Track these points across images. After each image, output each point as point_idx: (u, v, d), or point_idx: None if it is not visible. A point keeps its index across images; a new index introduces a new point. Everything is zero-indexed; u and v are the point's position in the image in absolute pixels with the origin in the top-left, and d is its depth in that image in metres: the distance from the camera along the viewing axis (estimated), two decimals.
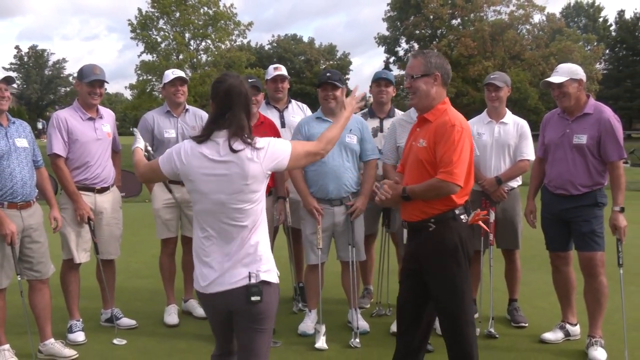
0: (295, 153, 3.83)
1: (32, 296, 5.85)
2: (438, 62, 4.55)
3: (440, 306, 4.59)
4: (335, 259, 6.55)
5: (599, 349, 5.66)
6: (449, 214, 4.47)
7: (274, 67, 7.35)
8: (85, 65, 6.38)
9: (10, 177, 5.50)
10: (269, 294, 3.71)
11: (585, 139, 5.61)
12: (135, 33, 37.09)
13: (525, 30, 51.47)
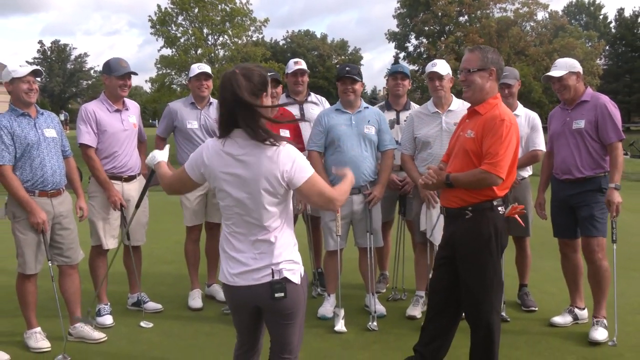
0: (313, 181, 3.48)
1: (62, 281, 5.83)
2: (494, 57, 4.53)
3: (468, 293, 4.55)
4: (353, 245, 6.53)
5: (599, 329, 5.67)
6: (486, 204, 4.43)
7: (294, 62, 7.30)
8: (110, 59, 6.35)
9: (40, 166, 5.48)
10: (294, 291, 3.56)
11: (583, 123, 5.65)
12: (155, 28, 37.04)
13: (529, 27, 51.41)
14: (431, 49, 50.17)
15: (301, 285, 3.63)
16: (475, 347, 4.63)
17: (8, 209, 5.53)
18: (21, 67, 5.49)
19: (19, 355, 5.52)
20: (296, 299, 3.59)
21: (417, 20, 52.37)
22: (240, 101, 3.37)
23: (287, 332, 3.69)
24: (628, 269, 7.49)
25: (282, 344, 3.72)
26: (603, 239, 5.71)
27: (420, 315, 6.35)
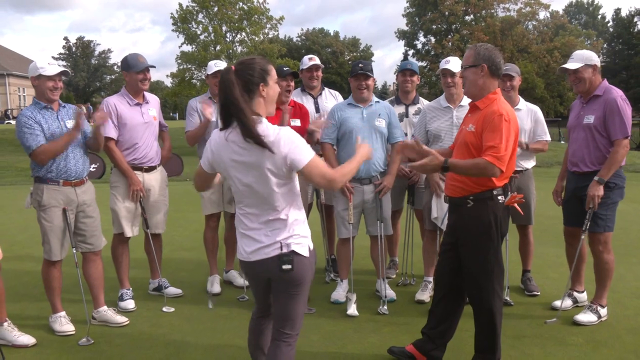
0: (315, 164, 3.52)
1: (86, 267, 5.79)
2: (486, 54, 4.45)
3: (471, 277, 4.55)
4: (365, 233, 6.48)
5: (588, 314, 5.69)
6: (487, 193, 4.41)
7: (309, 58, 7.23)
8: (128, 55, 6.28)
9: (64, 156, 5.42)
10: (300, 263, 3.64)
11: (593, 119, 5.52)
12: (176, 26, 37.08)
13: (531, 26, 51.39)
14: (438, 47, 50.19)
15: (309, 258, 3.69)
16: (479, 330, 4.65)
17: (33, 199, 5.47)
18: (50, 65, 5.43)
19: (44, 338, 5.47)
20: (302, 270, 3.67)
21: (425, 19, 52.50)
22: (231, 99, 3.46)
23: (291, 304, 3.74)
24: (628, 256, 7.53)
25: (285, 318, 3.76)
26: (607, 234, 5.63)
27: (428, 299, 6.33)
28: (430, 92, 43.58)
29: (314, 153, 3.56)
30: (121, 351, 5.21)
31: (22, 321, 5.83)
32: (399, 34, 58.06)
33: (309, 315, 5.99)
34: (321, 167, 3.57)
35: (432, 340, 4.82)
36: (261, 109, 3.60)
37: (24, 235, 8.94)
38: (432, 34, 53.50)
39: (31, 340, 5.25)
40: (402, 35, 57.76)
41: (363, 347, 5.24)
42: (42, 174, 5.40)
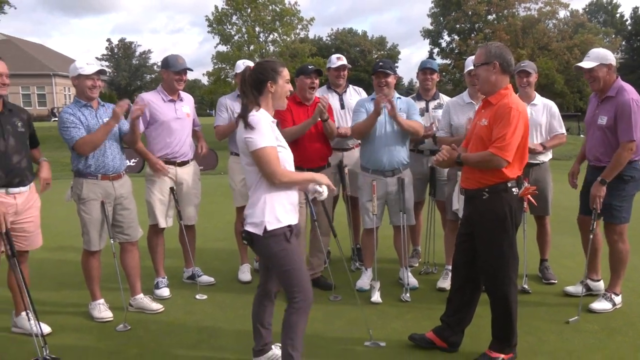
0: (263, 153, 3.87)
1: (123, 257, 5.81)
2: (497, 52, 4.44)
3: (486, 268, 4.54)
4: (388, 223, 6.42)
5: (602, 302, 5.64)
6: (501, 185, 4.39)
7: (337, 57, 7.16)
8: (169, 55, 6.29)
9: (102, 152, 5.44)
10: (258, 241, 3.98)
11: (605, 120, 5.45)
12: (211, 27, 37.05)
13: (551, 25, 50.77)
14: (462, 45, 49.77)
15: (267, 237, 3.94)
16: (495, 317, 4.63)
17: (73, 192, 5.50)
18: (88, 65, 5.45)
19: (84, 325, 5.51)
20: (263, 248, 4.02)
21: (450, 18, 52.12)
22: (242, 90, 4.09)
23: (277, 274, 4.11)
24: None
25: (283, 286, 4.09)
26: (622, 225, 5.58)
27: (449, 287, 6.18)
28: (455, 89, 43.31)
29: (270, 144, 3.88)
30: (156, 337, 5.22)
31: (63, 308, 5.93)
32: (424, 33, 57.72)
33: (335, 302, 6.04)
34: (269, 158, 3.87)
35: (451, 327, 4.81)
36: (266, 103, 4.05)
37: (66, 226, 9.02)
38: (456, 32, 53.05)
39: (46, 330, 5.18)
40: (427, 34, 57.38)
41: (386, 333, 5.21)
42: (81, 168, 5.43)
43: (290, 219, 4.03)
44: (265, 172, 3.90)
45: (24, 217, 4.98)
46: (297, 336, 3.99)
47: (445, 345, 4.81)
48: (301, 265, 4.05)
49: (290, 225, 4.01)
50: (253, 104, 3.98)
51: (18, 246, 4.91)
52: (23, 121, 5.03)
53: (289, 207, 4.04)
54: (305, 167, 6.05)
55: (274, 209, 3.95)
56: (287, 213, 4.02)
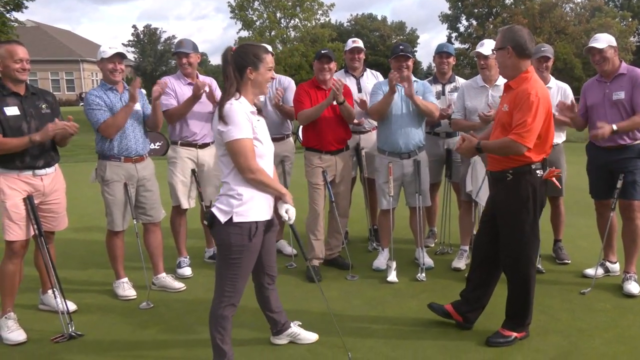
0: (238, 145, 3.65)
1: (146, 237, 5.83)
2: (509, 36, 4.36)
3: (507, 248, 4.52)
4: (405, 204, 6.40)
5: (632, 283, 5.55)
6: (525, 167, 4.35)
7: (352, 40, 7.10)
8: (179, 39, 6.30)
9: (124, 135, 5.45)
10: (218, 227, 3.74)
11: (623, 94, 5.43)
12: (234, 13, 37.05)
13: (568, 8, 50.02)
14: (479, 30, 49.19)
15: (230, 227, 3.70)
16: (511, 297, 4.61)
17: (98, 174, 5.51)
18: (110, 48, 5.46)
19: (109, 302, 5.56)
20: (222, 236, 3.74)
21: (467, 2, 51.39)
22: (225, 73, 3.76)
23: (221, 267, 3.87)
24: None
25: (218, 278, 3.95)
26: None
27: (464, 267, 6.28)
28: (472, 72, 42.91)
29: (245, 136, 3.65)
30: (178, 314, 5.25)
31: (88, 286, 5.99)
32: (443, 18, 57.14)
33: (351, 282, 6.03)
34: (244, 152, 3.64)
35: (469, 302, 4.81)
36: (246, 90, 3.79)
37: (93, 207, 9.04)
38: (473, 17, 52.45)
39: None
40: (446, 19, 56.79)
41: (402, 311, 5.20)
42: (105, 150, 5.44)
43: (261, 215, 3.79)
44: (239, 165, 3.68)
45: (50, 199, 5.00)
46: (226, 330, 3.87)
47: (460, 319, 4.81)
48: (249, 268, 3.88)
49: (258, 221, 3.78)
50: (233, 90, 3.73)
51: (45, 227, 4.94)
52: (48, 103, 5.03)
53: (263, 202, 3.81)
54: (324, 150, 6.07)
55: (247, 202, 3.72)
56: (260, 209, 3.79)
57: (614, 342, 4.50)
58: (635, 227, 5.58)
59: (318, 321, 4.86)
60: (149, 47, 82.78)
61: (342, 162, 6.25)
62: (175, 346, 4.62)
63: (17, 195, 4.73)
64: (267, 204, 3.84)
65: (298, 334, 4.49)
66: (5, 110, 4.65)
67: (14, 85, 4.75)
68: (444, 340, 4.59)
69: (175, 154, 6.19)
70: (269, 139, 3.92)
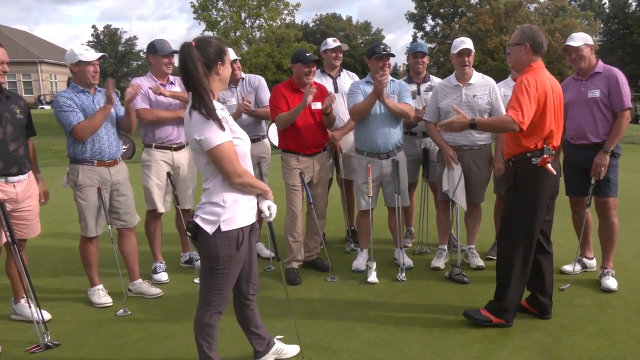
0: (221, 150, 3.42)
1: (121, 242, 5.76)
2: (530, 34, 4.69)
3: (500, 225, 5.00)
4: (383, 205, 6.45)
5: (610, 279, 5.68)
6: (521, 155, 4.69)
7: (333, 40, 7.14)
8: (155, 40, 6.19)
9: (98, 138, 5.37)
10: (204, 237, 3.54)
11: (598, 92, 5.55)
12: (197, 13, 36.67)
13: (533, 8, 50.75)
14: (446, 29, 49.70)
15: (218, 237, 3.53)
16: (497, 277, 4.90)
17: (69, 178, 5.43)
18: (87, 51, 5.39)
19: (84, 310, 5.47)
20: (208, 248, 3.55)
21: (434, 2, 51.91)
22: (193, 74, 3.39)
23: (206, 276, 3.69)
24: (627, 222, 7.59)
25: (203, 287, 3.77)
26: (616, 199, 5.70)
27: (443, 266, 6.36)
28: (439, 72, 43.29)
29: (225, 140, 3.43)
30: (157, 321, 5.19)
31: (62, 295, 5.88)
32: (409, 17, 57.65)
33: (332, 283, 6.05)
34: (227, 156, 3.45)
35: (533, 293, 5.05)
36: (215, 87, 3.56)
37: (61, 213, 8.96)
38: (440, 16, 53.02)
39: (47, 316, 5.12)
40: (412, 18, 57.36)
41: (385, 312, 5.23)
42: (77, 154, 5.35)
43: (247, 220, 3.67)
44: (225, 171, 3.48)
45: (23, 206, 4.92)
46: (213, 338, 3.76)
47: (535, 311, 5.01)
48: (235, 276, 3.73)
49: (244, 226, 3.65)
50: (207, 92, 3.44)
51: (18, 234, 4.85)
52: (21, 108, 4.96)
53: (248, 206, 3.67)
54: (303, 153, 6.09)
55: (233, 209, 3.56)
56: (246, 213, 3.65)
57: (596, 337, 4.59)
58: (610, 224, 5.71)
59: (301, 325, 4.75)
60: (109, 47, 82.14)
61: (319, 163, 6.27)
62: (157, 353, 4.56)
63: None
64: (251, 205, 3.70)
65: (282, 349, 4.35)
66: None
67: None
68: (430, 339, 4.62)
69: (149, 157, 6.12)
70: (245, 133, 3.75)
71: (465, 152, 6.06)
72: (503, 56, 40.39)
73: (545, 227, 4.89)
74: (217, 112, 3.43)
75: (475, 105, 5.93)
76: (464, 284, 5.83)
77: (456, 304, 5.31)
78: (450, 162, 5.99)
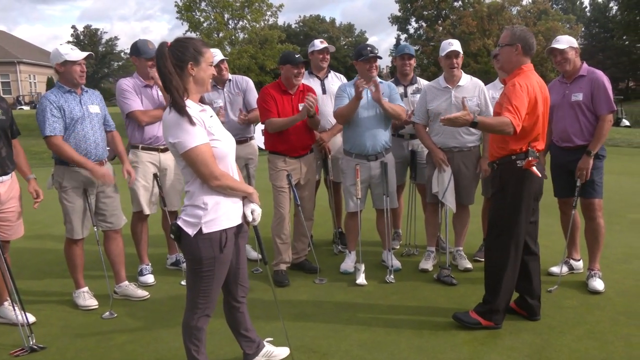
0: (195, 153, 3.40)
1: (107, 244, 5.72)
2: (521, 35, 4.70)
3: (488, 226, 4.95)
4: (371, 207, 6.44)
5: (597, 280, 5.71)
6: (506, 158, 4.71)
7: (320, 41, 7.13)
8: (138, 41, 6.14)
9: (84, 139, 5.32)
10: (187, 239, 3.55)
11: (581, 96, 5.59)
12: (180, 14, 36.50)
13: (515, 11, 51.16)
14: (429, 32, 49.95)
15: (200, 239, 3.52)
16: (485, 279, 4.91)
17: (55, 180, 5.37)
18: (72, 50, 5.32)
19: (69, 313, 5.42)
20: (191, 250, 3.56)
21: (417, 5, 52.21)
22: (163, 70, 3.44)
23: (192, 279, 3.69)
24: (612, 224, 7.62)
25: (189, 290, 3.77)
26: (601, 200, 5.73)
27: (431, 268, 6.37)
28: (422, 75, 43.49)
29: (200, 142, 3.41)
30: (144, 323, 5.16)
31: (46, 297, 5.84)
32: (392, 19, 57.89)
33: (320, 285, 6.04)
34: (203, 158, 3.43)
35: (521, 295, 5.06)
36: (190, 88, 3.53)
37: (43, 215, 8.83)
38: (423, 19, 53.31)
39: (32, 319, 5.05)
40: (395, 21, 57.60)
41: (374, 314, 5.24)
42: None
43: (230, 221, 3.64)
44: (201, 175, 3.47)
45: (6, 207, 4.87)
46: (201, 341, 3.76)
47: (525, 313, 5.03)
48: (222, 278, 3.71)
49: (227, 228, 3.62)
50: (179, 91, 3.44)
51: (1, 236, 4.82)
52: (3, 109, 4.90)
53: (231, 207, 3.64)
54: (291, 155, 6.10)
55: (214, 211, 3.54)
56: (229, 215, 3.62)
57: (585, 338, 4.61)
58: (597, 225, 5.74)
59: (290, 328, 4.71)
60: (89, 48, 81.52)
61: (307, 165, 6.27)
62: (145, 356, 4.53)
63: None
64: (235, 207, 3.67)
65: (272, 352, 4.33)
66: None
67: None
68: (419, 341, 4.62)
69: (136, 159, 6.07)
70: (228, 134, 3.71)
71: (455, 153, 6.07)
72: (486, 59, 40.69)
73: (531, 228, 4.91)
74: (188, 111, 3.41)
75: None
76: (453, 286, 5.84)
77: (445, 306, 5.32)
78: (441, 164, 6.00)
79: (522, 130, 4.49)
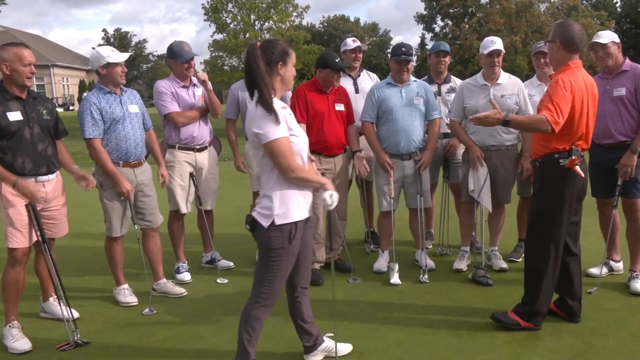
0: (276, 144, 3.61)
1: (145, 242, 5.79)
2: (560, 30, 4.62)
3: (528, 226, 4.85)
4: (404, 206, 6.43)
5: (639, 282, 5.57)
6: (548, 156, 4.62)
7: (353, 40, 7.09)
8: (174, 43, 6.22)
9: (124, 139, 5.41)
10: (259, 230, 3.74)
11: (624, 91, 5.48)
12: (207, 16, 36.70)
13: (544, 8, 50.48)
14: (455, 30, 49.46)
15: (272, 230, 3.71)
16: (525, 279, 4.86)
17: (96, 178, 5.41)
18: (113, 52, 5.46)
19: (110, 309, 5.50)
20: (264, 240, 3.75)
21: (443, 3, 51.65)
22: (255, 70, 3.63)
23: (260, 268, 3.86)
24: None
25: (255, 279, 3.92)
26: None
27: (466, 268, 6.31)
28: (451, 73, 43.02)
29: (282, 135, 3.61)
30: (183, 320, 5.21)
31: (88, 293, 5.93)
32: (418, 18, 57.46)
33: (354, 285, 6.05)
34: (282, 151, 3.62)
35: (561, 296, 4.97)
36: (277, 86, 3.76)
37: (82, 213, 8.96)
38: (449, 17, 52.74)
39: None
40: (421, 19, 57.13)
41: (409, 314, 5.22)
42: None
43: (300, 214, 3.80)
44: (280, 166, 3.65)
45: (52, 205, 4.93)
46: (255, 332, 3.87)
47: (564, 315, 4.95)
48: (287, 270, 3.87)
49: (298, 221, 3.78)
50: (268, 89, 3.63)
51: (47, 233, 4.87)
52: (48, 109, 4.98)
53: (302, 201, 3.80)
54: (325, 154, 6.08)
55: (286, 203, 3.72)
56: (299, 208, 3.79)
57: (629, 341, 4.53)
58: (638, 226, 5.62)
59: (326, 327, 4.66)
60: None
61: (340, 164, 6.26)
62: (185, 352, 4.58)
63: (19, 202, 4.67)
64: (305, 201, 3.85)
65: (331, 347, 4.35)
66: (8, 116, 4.58)
67: (18, 89, 4.69)
68: (457, 341, 4.60)
69: (173, 158, 6.13)
70: (302, 131, 3.90)
71: (492, 152, 6.00)
72: (513, 57, 40.22)
73: (572, 229, 4.81)
74: (275, 108, 3.61)
75: (503, 105, 5.78)
76: (488, 286, 5.79)
77: (481, 306, 5.28)
78: (476, 162, 5.94)
79: (566, 128, 4.41)
